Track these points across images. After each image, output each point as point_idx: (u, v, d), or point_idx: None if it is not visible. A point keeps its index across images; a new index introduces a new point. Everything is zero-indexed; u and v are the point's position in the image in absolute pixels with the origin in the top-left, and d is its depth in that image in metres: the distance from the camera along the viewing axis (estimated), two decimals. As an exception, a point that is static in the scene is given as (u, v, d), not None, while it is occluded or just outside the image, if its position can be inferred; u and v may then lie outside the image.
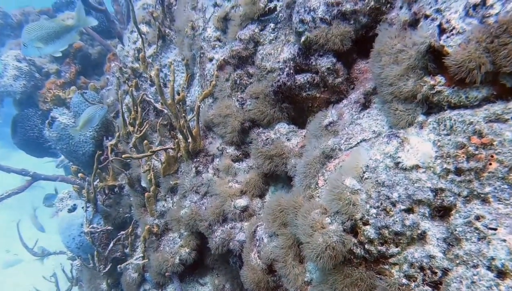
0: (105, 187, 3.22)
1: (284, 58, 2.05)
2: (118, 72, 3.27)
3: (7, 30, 5.32)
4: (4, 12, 5.27)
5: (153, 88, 2.99)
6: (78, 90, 4.32)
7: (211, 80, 2.39)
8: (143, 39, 2.84)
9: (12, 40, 5.22)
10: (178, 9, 2.92)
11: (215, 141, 2.42)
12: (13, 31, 5.37)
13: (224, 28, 2.42)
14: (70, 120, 3.46)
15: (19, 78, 4.51)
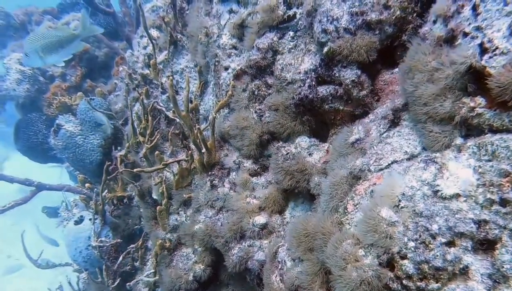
0: (113, 197, 3.22)
1: (305, 69, 2.03)
2: (127, 79, 3.26)
3: (9, 31, 5.35)
4: (6, 12, 5.29)
5: (164, 96, 2.99)
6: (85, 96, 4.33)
7: (227, 90, 2.38)
8: (154, 45, 2.83)
9: (15, 42, 5.24)
10: (190, 14, 2.91)
11: (231, 154, 2.41)
12: (15, 32, 5.40)
13: (240, 35, 2.40)
14: (76, 128, 3.46)
15: (22, 82, 4.53)
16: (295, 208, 2.26)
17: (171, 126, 3.01)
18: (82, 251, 3.15)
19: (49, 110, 4.71)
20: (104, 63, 5.13)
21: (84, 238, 3.16)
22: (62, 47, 2.66)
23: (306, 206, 2.24)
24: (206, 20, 2.61)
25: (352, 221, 1.40)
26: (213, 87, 2.60)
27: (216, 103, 2.54)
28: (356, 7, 1.85)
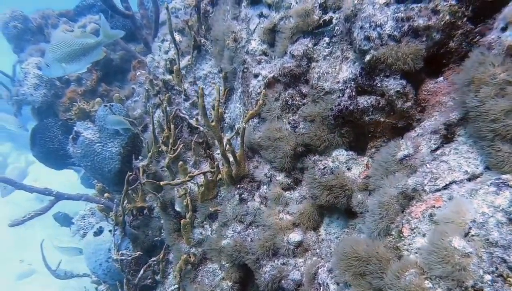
0: (133, 208, 3.15)
1: (344, 78, 1.93)
2: (148, 84, 3.20)
3: (27, 35, 5.34)
4: (25, 16, 5.28)
5: (187, 103, 2.91)
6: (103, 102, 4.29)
7: (257, 98, 2.29)
8: (178, 50, 2.75)
9: (32, 46, 5.23)
10: (215, 18, 2.83)
11: (262, 166, 2.32)
12: (33, 36, 5.39)
13: (271, 41, 2.32)
14: (95, 136, 3.41)
15: (39, 87, 4.50)
16: (330, 224, 2.16)
17: (193, 135, 2.94)
18: (102, 263, 3.09)
19: (65, 115, 4.67)
20: (118, 67, 5.08)
21: (104, 250, 3.10)
22: (84, 55, 2.59)
23: (341, 222, 2.14)
24: (234, 24, 2.53)
25: (411, 247, 1.30)
26: (240, 95, 2.52)
27: (244, 112, 2.46)
28: (402, 12, 1.75)
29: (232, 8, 2.55)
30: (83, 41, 2.62)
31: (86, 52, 2.62)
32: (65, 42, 2.48)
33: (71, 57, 2.57)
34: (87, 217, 4.08)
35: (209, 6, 2.88)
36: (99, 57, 2.74)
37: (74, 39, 2.62)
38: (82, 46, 2.60)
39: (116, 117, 3.25)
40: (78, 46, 2.59)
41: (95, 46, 2.67)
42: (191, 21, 2.86)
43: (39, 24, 5.53)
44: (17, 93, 5.22)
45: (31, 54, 5.13)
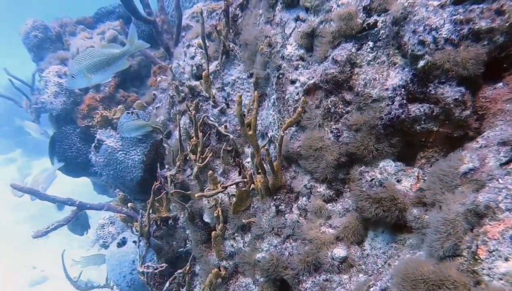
0: (158, 218, 3.05)
1: (394, 85, 1.82)
2: (173, 91, 3.10)
3: (46, 44, 5.31)
4: (45, 25, 5.26)
5: (216, 110, 2.81)
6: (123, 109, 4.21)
7: (294, 106, 2.19)
8: (208, 55, 2.66)
9: (51, 54, 5.18)
10: (245, 22, 2.74)
11: (300, 176, 2.20)
12: (52, 44, 5.35)
13: (309, 45, 2.21)
14: (117, 144, 3.32)
15: (59, 94, 4.44)
16: (374, 238, 2.04)
17: (222, 142, 2.83)
18: (126, 275, 2.99)
19: (83, 122, 4.60)
20: (136, 73, 5.01)
21: (129, 262, 3.00)
22: (109, 65, 2.53)
23: (387, 236, 2.02)
24: (268, 28, 2.42)
25: (493, 272, 1.17)
26: (274, 101, 2.41)
27: (279, 120, 2.35)
28: (460, 14, 1.64)
29: (266, 12, 2.45)
30: (109, 51, 2.56)
31: (111, 62, 2.56)
32: (91, 53, 2.42)
33: (96, 67, 2.51)
34: (106, 226, 3.99)
35: (238, 10, 2.79)
36: (124, 67, 2.68)
37: (100, 50, 2.55)
38: (108, 56, 2.53)
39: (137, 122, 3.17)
40: (104, 56, 2.52)
41: (120, 56, 2.60)
42: (220, 26, 2.76)
43: (57, 33, 5.50)
44: (36, 102, 5.17)
45: (50, 62, 5.08)
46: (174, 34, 3.99)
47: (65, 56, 5.14)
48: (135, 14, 3.56)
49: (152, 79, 3.96)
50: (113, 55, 2.57)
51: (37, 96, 5.30)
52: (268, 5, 2.44)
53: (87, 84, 2.66)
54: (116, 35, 4.72)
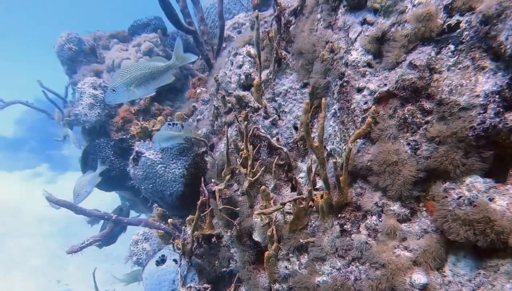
0: (200, 236, 2.87)
1: (486, 91, 1.63)
2: (219, 101, 2.97)
3: (80, 57, 5.32)
4: (79, 38, 5.28)
5: (267, 121, 2.65)
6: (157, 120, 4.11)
7: (362, 116, 2.01)
8: (260, 63, 2.52)
9: (85, 66, 5.16)
10: (299, 29, 2.60)
11: (368, 193, 2.01)
12: (85, 57, 5.35)
13: (377, 50, 2.05)
14: (157, 156, 3.18)
15: (94, 106, 4.37)
16: (456, 263, 1.81)
17: (272, 156, 2.66)
18: (166, 296, 2.81)
19: (117, 135, 4.51)
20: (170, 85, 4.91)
21: (168, 282, 2.83)
22: (153, 79, 2.42)
23: (470, 261, 1.79)
24: (329, 33, 2.27)
25: None
26: (336, 112, 2.24)
27: (342, 131, 2.17)
28: None
29: (326, 16, 2.30)
30: (153, 65, 2.46)
31: (155, 76, 2.45)
32: (135, 66, 2.34)
33: (140, 81, 2.41)
34: (140, 242, 3.83)
35: (291, 17, 2.65)
36: (169, 81, 2.57)
37: (144, 63, 2.47)
38: (152, 70, 2.42)
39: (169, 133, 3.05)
40: (148, 70, 2.42)
41: (165, 70, 2.49)
42: (271, 33, 2.62)
43: (91, 46, 5.51)
44: (69, 114, 5.13)
45: (84, 74, 5.06)
46: (214, 45, 3.89)
47: (99, 69, 5.12)
48: (177, 25, 3.47)
49: (191, 91, 3.84)
50: (157, 69, 2.47)
51: (70, 108, 5.27)
52: (329, 8, 2.29)
53: (129, 98, 2.55)
54: (152, 47, 4.66)
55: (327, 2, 2.32)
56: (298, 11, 2.65)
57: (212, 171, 3.09)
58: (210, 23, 4.32)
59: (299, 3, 2.63)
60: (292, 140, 2.66)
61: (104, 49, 5.66)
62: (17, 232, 11.37)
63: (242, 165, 2.51)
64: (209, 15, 4.37)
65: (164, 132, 3.02)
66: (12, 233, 11.32)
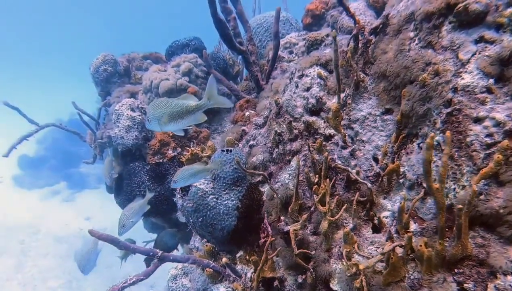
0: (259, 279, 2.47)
1: None
2: (279, 126, 2.62)
3: (114, 78, 5.06)
4: (115, 60, 5.05)
5: (346, 152, 2.29)
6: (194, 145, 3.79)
7: (485, 151, 1.63)
8: (340, 85, 2.17)
9: (119, 88, 4.90)
10: (379, 49, 2.26)
11: (496, 246, 1.62)
12: (120, 78, 5.10)
13: (499, 74, 1.68)
14: (208, 186, 2.83)
15: (131, 129, 4.06)
16: None
17: (350, 190, 2.29)
18: None
19: (153, 159, 4.18)
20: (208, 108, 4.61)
21: (225, 331, 2.42)
22: (182, 118, 2.29)
23: None
24: (429, 54, 1.93)
25: None
26: (439, 144, 1.86)
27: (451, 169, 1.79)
28: None
29: (426, 34, 1.96)
30: (183, 104, 2.28)
31: (185, 115, 2.30)
32: (166, 102, 2.26)
33: (170, 118, 2.28)
34: (179, 277, 3.44)
35: (371, 36, 2.31)
36: (200, 121, 2.35)
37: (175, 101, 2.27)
38: (181, 110, 2.27)
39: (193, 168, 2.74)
40: (178, 108, 2.26)
41: (195, 110, 2.25)
42: (348, 53, 2.29)
43: (125, 67, 5.27)
44: (102, 136, 4.84)
45: (119, 96, 4.78)
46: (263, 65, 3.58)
47: (134, 90, 4.84)
48: (230, 44, 3.18)
49: (239, 113, 3.51)
50: (186, 109, 2.28)
51: (102, 130, 4.98)
52: (429, 26, 1.95)
53: (161, 130, 2.42)
54: (191, 67, 4.38)
55: (426, 19, 1.98)
56: (380, 29, 2.32)
57: (270, 204, 2.72)
58: (257, 43, 4.03)
59: (381, 21, 2.30)
60: (373, 174, 2.29)
61: (138, 70, 5.42)
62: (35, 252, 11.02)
63: (321, 202, 2.13)
64: (255, 35, 4.09)
65: (189, 169, 2.71)
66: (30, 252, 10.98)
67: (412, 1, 2.16)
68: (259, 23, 4.17)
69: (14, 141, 5.06)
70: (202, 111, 2.30)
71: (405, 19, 2.17)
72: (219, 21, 2.99)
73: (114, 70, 5.07)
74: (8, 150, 5.07)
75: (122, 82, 5.11)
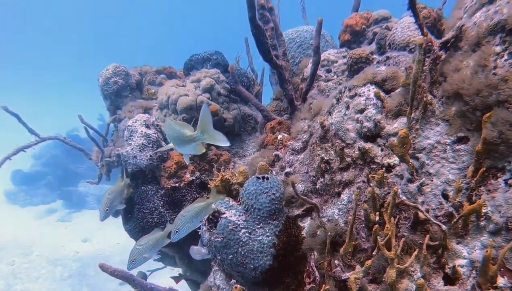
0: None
1: None
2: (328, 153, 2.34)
3: (125, 91, 4.79)
4: (127, 72, 4.79)
5: (412, 186, 2.00)
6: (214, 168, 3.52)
7: None
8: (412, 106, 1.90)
9: (132, 102, 4.64)
10: (448, 65, 2.00)
11: None
12: (131, 92, 4.82)
13: None
14: (240, 218, 2.53)
15: (146, 148, 3.78)
16: None
17: (416, 232, 1.99)
18: None
19: (169, 182, 3.88)
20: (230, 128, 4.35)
21: None
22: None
23: None
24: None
25: None
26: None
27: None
28: None
29: (521, 48, 1.70)
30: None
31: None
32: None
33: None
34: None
35: (441, 51, 2.06)
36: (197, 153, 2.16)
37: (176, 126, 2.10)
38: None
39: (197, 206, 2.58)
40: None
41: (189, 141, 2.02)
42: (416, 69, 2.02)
43: (137, 80, 5.01)
44: (110, 154, 4.56)
45: (131, 111, 4.51)
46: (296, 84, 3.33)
47: (148, 105, 4.58)
48: (266, 55, 2.95)
49: (269, 136, 3.24)
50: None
51: (111, 148, 4.70)
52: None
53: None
54: (213, 84, 4.13)
55: (521, 31, 1.72)
56: (451, 43, 2.06)
57: (312, 242, 2.42)
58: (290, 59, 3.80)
59: (454, 33, 2.04)
60: (443, 213, 1.99)
61: (150, 84, 5.17)
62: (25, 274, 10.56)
63: (387, 245, 1.83)
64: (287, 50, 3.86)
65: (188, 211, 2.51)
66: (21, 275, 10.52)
67: (495, 10, 1.91)
68: (291, 38, 3.94)
69: (10, 152, 4.73)
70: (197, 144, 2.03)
71: (486, 31, 1.91)
72: (258, 27, 2.75)
73: (125, 83, 4.79)
74: (2, 160, 4.73)
75: (134, 96, 4.84)
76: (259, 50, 2.91)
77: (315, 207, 2.20)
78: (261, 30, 2.81)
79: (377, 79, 2.36)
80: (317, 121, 2.71)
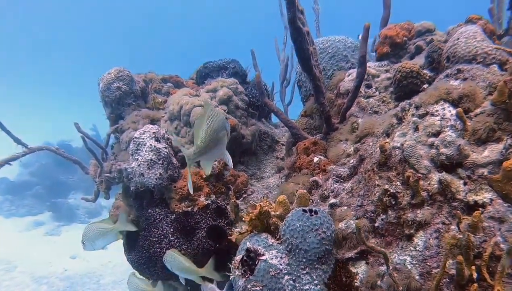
0: None
1: None
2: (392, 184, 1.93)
3: (129, 99, 4.34)
4: (131, 77, 4.33)
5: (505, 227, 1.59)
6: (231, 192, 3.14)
7: None
8: None
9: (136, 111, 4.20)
10: None
11: None
12: (135, 100, 4.38)
13: None
14: (282, 262, 2.10)
15: (155, 164, 3.33)
16: None
17: None
18: None
19: (180, 206, 3.45)
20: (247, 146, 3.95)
21: None
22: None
23: None
24: None
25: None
26: None
27: None
28: None
29: None
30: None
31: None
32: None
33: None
34: None
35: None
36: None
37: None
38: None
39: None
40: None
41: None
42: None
43: (142, 88, 4.57)
44: (111, 169, 4.10)
45: (135, 121, 4.08)
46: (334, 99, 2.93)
47: (156, 116, 4.15)
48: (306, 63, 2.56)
49: (303, 158, 2.82)
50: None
51: (112, 162, 4.24)
52: None
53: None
54: (231, 95, 3.73)
55: None
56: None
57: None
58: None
59: None
60: None
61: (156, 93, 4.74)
62: (8, 294, 9.94)
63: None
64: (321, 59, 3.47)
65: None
66: (3, 294, 9.90)
67: None
68: (322, 47, 3.54)
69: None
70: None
71: None
72: (298, 30, 2.34)
73: (129, 90, 4.33)
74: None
75: (138, 105, 4.39)
76: (299, 57, 2.51)
77: (384, 255, 1.78)
78: (302, 33, 2.41)
79: (453, 96, 1.96)
80: (369, 144, 2.31)
